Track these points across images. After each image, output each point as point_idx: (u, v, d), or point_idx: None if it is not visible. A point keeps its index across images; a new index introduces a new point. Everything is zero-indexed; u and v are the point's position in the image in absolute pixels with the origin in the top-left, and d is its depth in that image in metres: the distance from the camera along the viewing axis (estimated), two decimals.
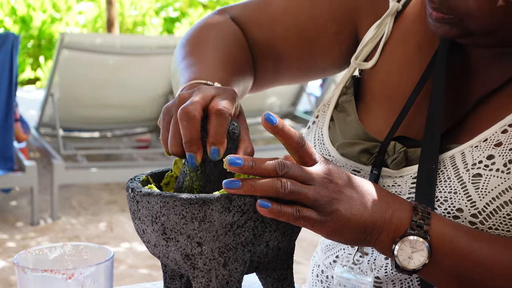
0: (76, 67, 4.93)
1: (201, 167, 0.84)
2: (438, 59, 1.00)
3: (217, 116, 0.82)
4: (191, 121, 0.81)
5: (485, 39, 0.93)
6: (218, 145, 0.81)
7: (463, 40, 0.95)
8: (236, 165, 0.76)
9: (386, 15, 1.07)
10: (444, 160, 0.94)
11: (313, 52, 1.14)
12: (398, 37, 1.07)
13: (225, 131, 0.82)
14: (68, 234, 4.22)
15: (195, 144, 0.82)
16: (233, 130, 0.85)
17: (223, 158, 0.82)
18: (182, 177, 0.87)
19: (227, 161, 0.77)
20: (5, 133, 4.28)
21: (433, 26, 0.94)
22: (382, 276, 0.99)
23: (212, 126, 0.82)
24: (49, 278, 0.74)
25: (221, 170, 0.84)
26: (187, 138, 0.81)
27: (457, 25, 0.92)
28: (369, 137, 1.02)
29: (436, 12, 0.92)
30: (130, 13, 13.40)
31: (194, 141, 0.81)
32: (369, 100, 1.08)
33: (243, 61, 1.11)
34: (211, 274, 0.79)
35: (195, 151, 0.82)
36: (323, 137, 1.07)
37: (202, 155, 0.83)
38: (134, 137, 5.93)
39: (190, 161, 0.82)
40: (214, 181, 0.85)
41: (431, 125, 0.96)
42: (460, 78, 1.01)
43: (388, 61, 1.07)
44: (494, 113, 0.95)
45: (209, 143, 0.82)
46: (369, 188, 0.85)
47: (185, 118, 0.81)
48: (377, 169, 0.99)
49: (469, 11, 0.89)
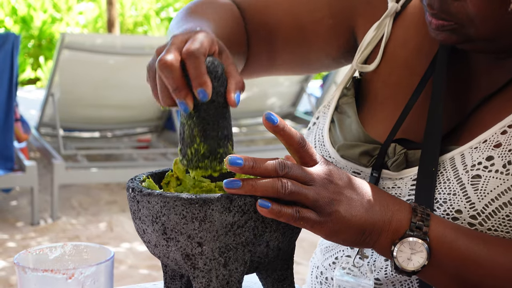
0: (76, 67, 4.94)
1: (195, 112, 0.84)
2: (439, 62, 1.00)
3: (190, 58, 0.81)
4: (171, 69, 0.80)
5: (485, 45, 0.92)
6: (203, 86, 0.80)
7: (464, 46, 0.94)
8: (237, 165, 0.76)
9: (385, 16, 1.07)
10: (443, 162, 0.94)
11: (308, 41, 1.14)
12: (398, 39, 1.07)
13: (203, 71, 0.81)
14: (68, 234, 4.22)
15: (182, 90, 0.81)
16: (215, 68, 0.83)
17: (214, 97, 0.82)
18: (182, 128, 0.87)
19: (227, 161, 0.77)
20: (5, 133, 4.28)
21: (433, 33, 0.94)
22: (382, 277, 0.99)
23: (190, 69, 0.81)
24: (49, 278, 0.74)
25: (216, 110, 0.84)
26: (173, 87, 0.81)
27: (457, 32, 0.91)
28: (370, 139, 1.02)
29: (436, 19, 0.92)
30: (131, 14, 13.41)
31: (180, 87, 0.81)
32: (370, 102, 1.07)
33: (236, 37, 1.10)
34: (212, 274, 0.79)
35: (184, 96, 0.81)
36: (323, 138, 1.07)
37: (193, 99, 0.82)
38: (134, 137, 5.94)
39: (183, 108, 0.82)
40: (212, 122, 0.84)
41: (431, 127, 0.96)
42: (460, 81, 1.01)
43: (388, 63, 1.07)
44: (493, 115, 0.95)
45: (193, 86, 0.81)
46: (369, 190, 0.85)
47: (164, 68, 0.80)
48: (377, 171, 0.99)
49: (469, 17, 0.88)
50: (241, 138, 5.95)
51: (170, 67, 0.80)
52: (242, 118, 6.06)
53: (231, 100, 0.83)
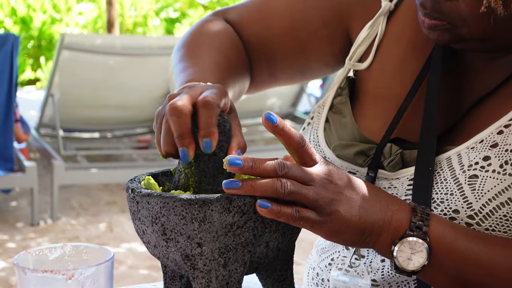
0: (76, 67, 4.94)
1: (195, 163, 0.84)
2: (433, 61, 1.00)
3: (205, 107, 0.82)
4: (180, 115, 0.81)
5: (479, 44, 0.92)
6: (210, 137, 0.81)
7: (457, 46, 0.94)
8: (236, 165, 0.76)
9: (379, 15, 1.07)
10: (440, 162, 0.94)
11: (305, 53, 1.15)
12: (391, 37, 1.07)
13: (215, 122, 0.82)
14: (68, 235, 4.22)
15: (186, 138, 0.82)
16: (224, 123, 0.84)
17: (216, 151, 0.83)
18: (178, 176, 0.87)
19: (227, 162, 0.77)
20: (5, 134, 4.28)
21: (426, 31, 0.94)
22: (379, 278, 0.99)
23: (202, 117, 0.81)
24: (49, 279, 0.74)
25: (216, 164, 0.84)
26: (178, 133, 0.81)
27: (450, 31, 0.91)
28: (365, 138, 1.02)
29: (429, 19, 0.92)
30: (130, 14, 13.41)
31: (185, 135, 0.81)
32: (364, 101, 1.07)
33: (238, 62, 1.12)
34: (211, 274, 0.79)
35: (187, 145, 0.82)
36: (318, 138, 1.07)
37: (195, 150, 0.83)
38: (134, 137, 5.94)
39: (183, 157, 0.82)
40: (210, 175, 0.85)
41: (427, 127, 0.96)
42: (455, 80, 1.01)
43: (382, 62, 1.07)
44: (489, 115, 0.95)
45: (200, 136, 0.81)
46: (369, 190, 0.85)
47: (174, 113, 0.81)
48: (373, 171, 0.99)
49: (462, 16, 0.88)
50: None
51: (180, 112, 0.81)
52: (242, 118, 6.06)
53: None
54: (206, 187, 0.85)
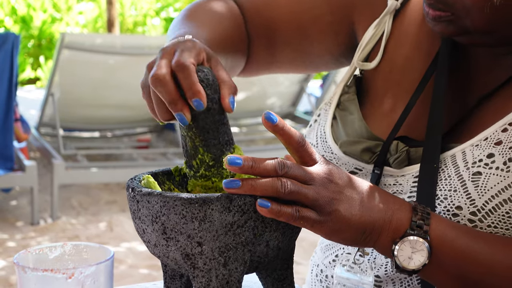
0: (76, 67, 4.94)
1: (193, 123, 0.84)
2: (440, 59, 1.00)
3: (180, 70, 0.81)
4: (163, 83, 0.81)
5: (482, 37, 0.93)
6: (197, 96, 0.81)
7: (461, 39, 0.95)
8: (236, 165, 0.76)
9: (385, 14, 1.07)
10: (445, 159, 0.95)
11: (308, 36, 1.14)
12: (398, 36, 1.07)
13: (195, 81, 0.81)
14: (68, 234, 4.22)
15: (177, 103, 0.82)
16: (206, 76, 0.84)
17: (210, 105, 0.83)
18: (184, 141, 0.87)
19: (227, 161, 0.77)
20: (5, 133, 4.28)
21: (431, 24, 0.95)
22: (382, 275, 0.99)
23: (182, 81, 0.81)
24: (49, 278, 0.74)
25: (214, 117, 0.84)
26: (168, 100, 0.81)
27: (454, 23, 0.92)
28: (372, 136, 1.02)
29: (433, 10, 0.93)
30: (131, 13, 13.41)
31: (175, 100, 0.81)
32: (371, 99, 1.08)
33: (234, 38, 1.11)
34: (211, 273, 0.79)
35: (181, 108, 0.82)
36: (325, 135, 1.07)
37: (190, 110, 0.83)
38: (134, 137, 5.94)
39: (181, 121, 0.82)
40: (212, 129, 0.85)
41: (433, 125, 0.96)
42: (461, 78, 1.01)
43: (389, 60, 1.07)
44: (494, 112, 0.95)
45: (188, 98, 0.81)
46: (369, 189, 0.85)
47: (157, 84, 0.81)
48: (379, 168, 1.00)
49: (465, 7, 0.89)
50: (241, 138, 5.95)
51: (162, 81, 0.81)
52: (242, 118, 6.07)
53: (226, 106, 0.83)
54: (213, 142, 0.85)
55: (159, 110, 0.84)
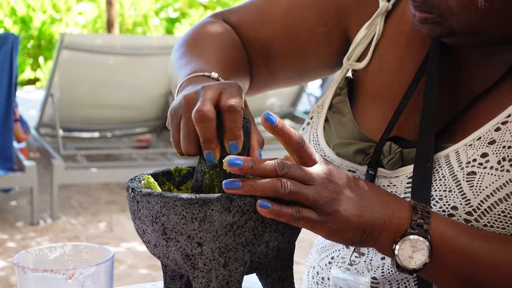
0: (76, 67, 4.94)
1: (219, 164, 0.85)
2: (430, 59, 1.00)
3: (231, 112, 0.82)
4: (207, 121, 0.81)
5: (469, 38, 0.93)
6: (236, 140, 0.82)
7: (448, 40, 0.95)
8: (236, 165, 0.76)
9: (376, 15, 1.07)
10: (439, 159, 0.95)
11: (303, 52, 1.15)
12: (389, 37, 1.07)
13: (240, 126, 0.83)
14: (68, 234, 4.22)
15: (213, 142, 0.83)
16: (246, 124, 0.86)
17: (241, 152, 0.84)
18: (200, 176, 0.87)
19: (226, 162, 0.77)
20: (4, 133, 4.28)
21: (418, 26, 0.95)
22: (379, 276, 0.99)
23: (228, 122, 0.82)
24: (49, 278, 0.74)
25: None
26: (205, 137, 0.82)
27: (440, 25, 0.93)
28: (364, 137, 1.02)
29: (419, 12, 0.93)
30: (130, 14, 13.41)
31: (212, 139, 0.82)
32: (363, 101, 1.08)
33: (239, 61, 1.12)
34: (211, 274, 0.79)
35: (214, 148, 0.83)
36: (318, 137, 1.07)
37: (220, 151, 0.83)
38: (134, 137, 5.94)
39: (209, 159, 0.83)
40: (234, 175, 0.85)
41: (425, 125, 0.96)
42: (452, 78, 1.02)
43: (380, 61, 1.07)
44: (487, 112, 0.95)
45: (226, 139, 0.83)
46: (369, 189, 0.85)
47: (201, 120, 0.81)
48: (372, 169, 1.00)
49: (451, 9, 0.90)
50: None
51: (207, 118, 0.81)
52: None
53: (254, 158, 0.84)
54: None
55: (185, 142, 0.84)
